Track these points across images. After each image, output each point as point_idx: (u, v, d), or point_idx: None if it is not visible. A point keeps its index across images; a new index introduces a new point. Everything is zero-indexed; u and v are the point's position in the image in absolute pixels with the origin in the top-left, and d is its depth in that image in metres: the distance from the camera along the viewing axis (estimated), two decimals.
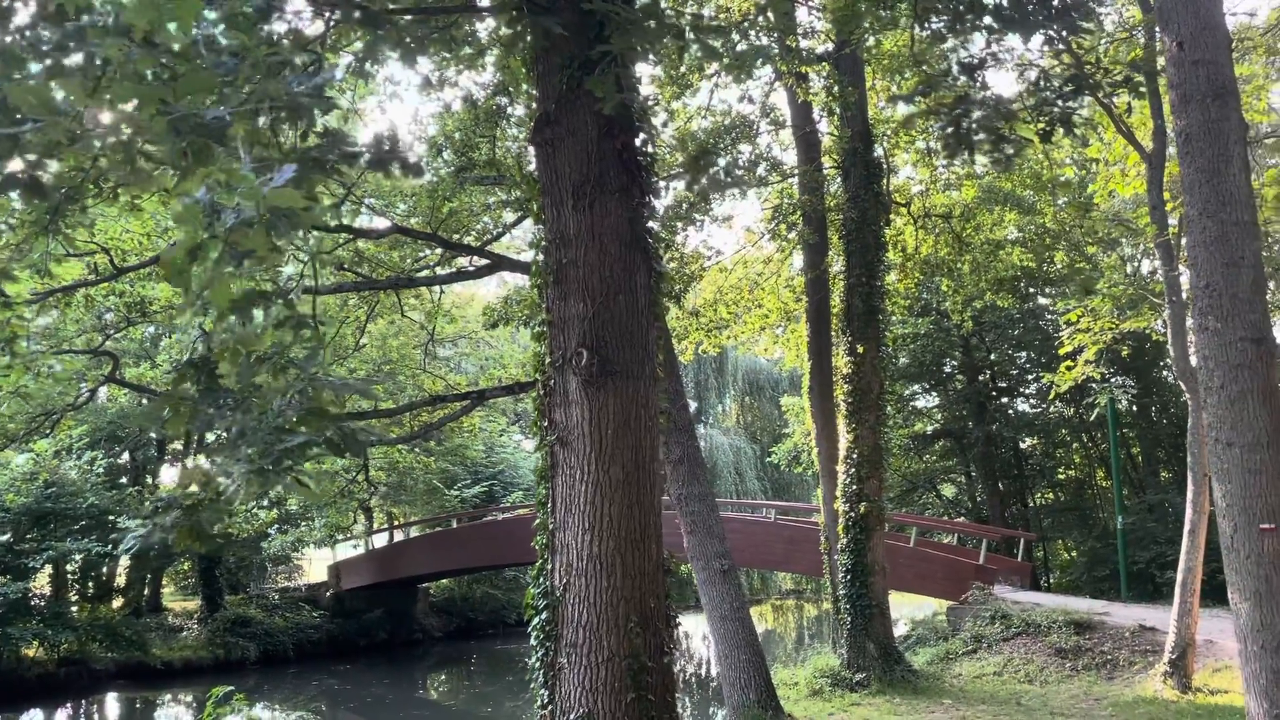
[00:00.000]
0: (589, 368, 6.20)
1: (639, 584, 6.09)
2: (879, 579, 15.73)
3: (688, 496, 13.22)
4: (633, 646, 5.97)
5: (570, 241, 6.47)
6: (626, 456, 6.20)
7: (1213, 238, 7.78)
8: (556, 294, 6.51)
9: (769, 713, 12.27)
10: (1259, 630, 7.34)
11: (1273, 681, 7.22)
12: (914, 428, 30.32)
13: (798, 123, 17.74)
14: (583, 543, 6.10)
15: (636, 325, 6.44)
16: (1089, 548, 24.82)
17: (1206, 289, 7.78)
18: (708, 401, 45.07)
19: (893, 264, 22.16)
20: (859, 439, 15.97)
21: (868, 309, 16.21)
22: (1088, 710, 12.66)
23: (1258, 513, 7.38)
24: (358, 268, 14.44)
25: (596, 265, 6.40)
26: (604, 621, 5.98)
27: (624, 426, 6.23)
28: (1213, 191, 7.83)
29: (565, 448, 6.29)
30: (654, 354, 6.56)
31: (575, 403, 6.28)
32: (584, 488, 6.16)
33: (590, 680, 5.94)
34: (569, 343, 6.36)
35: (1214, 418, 7.68)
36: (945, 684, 15.08)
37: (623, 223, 6.49)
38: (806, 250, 17.86)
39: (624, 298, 6.43)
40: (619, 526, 6.09)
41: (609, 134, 6.55)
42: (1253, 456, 7.44)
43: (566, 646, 6.05)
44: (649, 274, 6.64)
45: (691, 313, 18.57)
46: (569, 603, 6.09)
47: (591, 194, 6.47)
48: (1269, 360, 7.58)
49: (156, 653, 23.96)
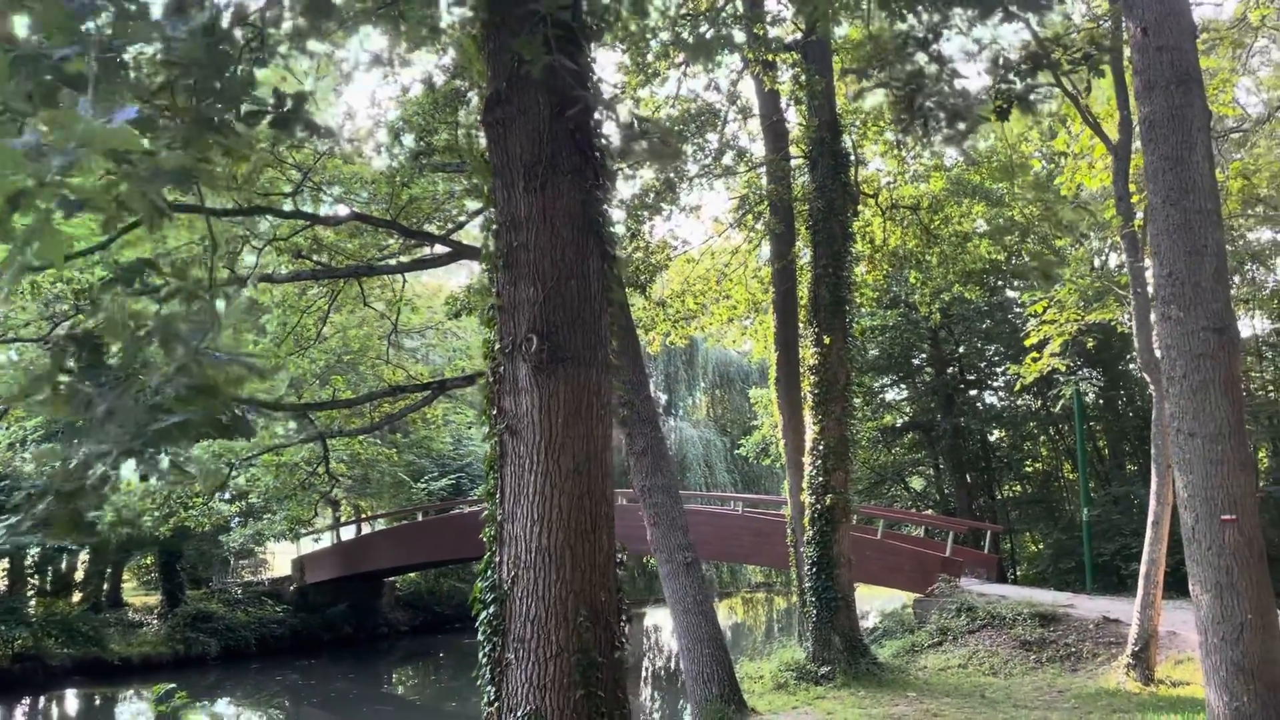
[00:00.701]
0: (539, 354, 6.00)
1: (590, 577, 5.91)
2: (845, 571, 15.65)
3: (651, 488, 13.07)
4: (582, 641, 5.78)
5: (521, 224, 6.27)
6: (577, 446, 6.02)
7: (1175, 225, 7.70)
8: (507, 278, 6.30)
9: (731, 707, 12.15)
10: (1219, 622, 7.27)
11: (1233, 674, 7.16)
12: (883, 420, 30.34)
13: (765, 112, 17.60)
14: (531, 534, 5.91)
15: (589, 311, 6.25)
16: (1055, 540, 24.93)
17: (1169, 278, 7.70)
18: (677, 394, 44.96)
19: (861, 256, 22.11)
20: (825, 430, 15.87)
21: (834, 300, 16.09)
22: (1051, 702, 12.63)
23: (1219, 503, 7.31)
24: (317, 256, 14.14)
25: (548, 249, 6.20)
26: (553, 616, 5.80)
27: (575, 415, 6.04)
28: (1176, 179, 7.75)
29: (514, 436, 6.09)
30: (607, 341, 6.37)
31: (525, 390, 6.08)
32: (533, 478, 5.96)
33: (538, 676, 5.76)
34: (519, 328, 6.16)
35: (1176, 408, 7.60)
36: (910, 676, 15.03)
37: (575, 205, 6.30)
38: (773, 241, 17.74)
39: (576, 283, 6.23)
40: (569, 518, 5.90)
41: (562, 114, 6.34)
42: (1214, 447, 7.36)
43: (514, 642, 5.86)
44: (603, 258, 6.45)
45: (658, 303, 18.38)
46: (517, 596, 5.90)
47: (543, 175, 6.26)
48: (1231, 350, 7.51)
49: (115, 648, 23.52)
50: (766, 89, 16.79)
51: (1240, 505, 7.29)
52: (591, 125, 6.49)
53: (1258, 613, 7.18)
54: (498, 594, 6.00)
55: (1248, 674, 7.11)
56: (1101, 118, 15.27)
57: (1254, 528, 7.31)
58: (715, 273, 20.15)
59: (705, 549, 25.99)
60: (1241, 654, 7.14)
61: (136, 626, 25.73)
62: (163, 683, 23.31)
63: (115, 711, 22.78)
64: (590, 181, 6.37)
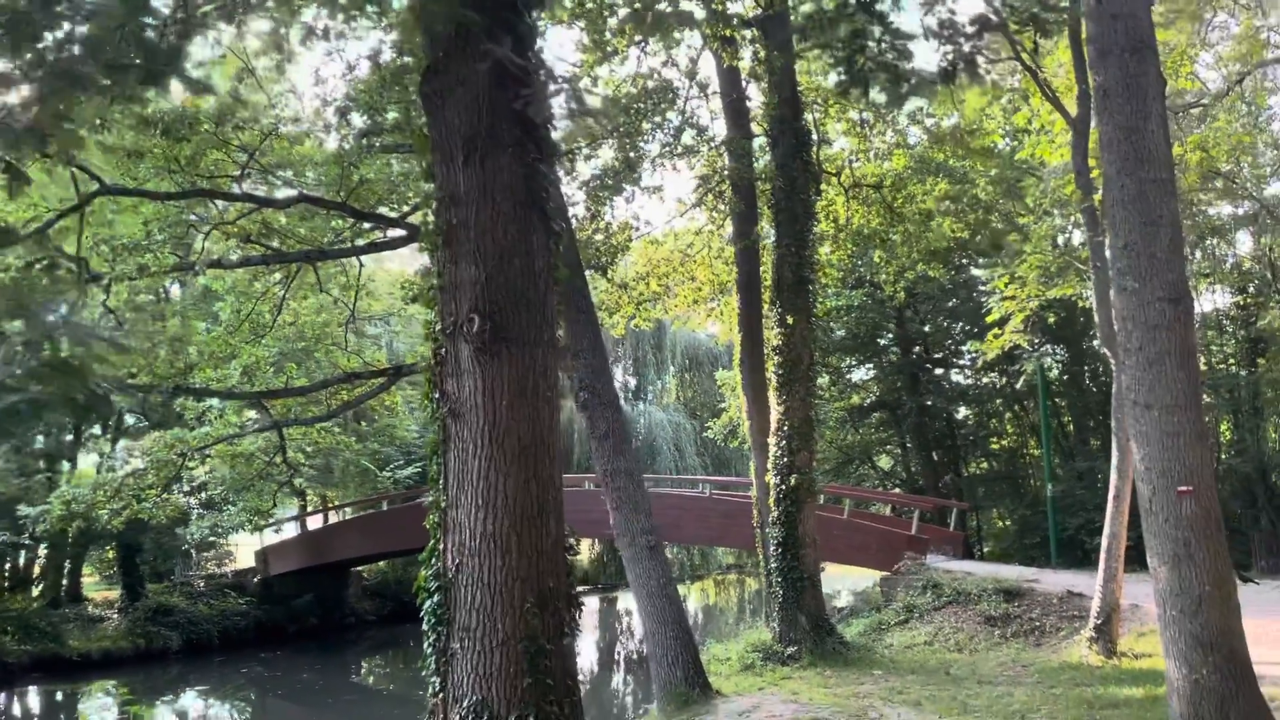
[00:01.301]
0: (481, 334, 5.81)
1: (536, 563, 5.75)
2: (810, 551, 15.59)
3: (614, 472, 12.89)
4: (529, 629, 5.62)
5: (461, 200, 6.07)
6: (523, 428, 5.84)
7: (1131, 196, 7.61)
8: (447, 256, 6.10)
9: (696, 690, 12.04)
10: (1177, 595, 7.23)
11: (1191, 646, 7.13)
12: (850, 400, 30.37)
13: (726, 90, 17.40)
14: (476, 520, 5.73)
15: (533, 289, 6.07)
16: (1019, 516, 25.09)
17: (1125, 249, 7.62)
18: (646, 378, 44.82)
19: (825, 235, 22.01)
20: (789, 411, 15.75)
21: (797, 279, 15.96)
22: (1014, 677, 12.63)
23: (1176, 475, 7.26)
24: (267, 240, 13.82)
25: (489, 226, 6.01)
26: (498, 603, 5.63)
27: (519, 397, 5.86)
28: (1131, 148, 7.65)
29: (458, 420, 5.91)
30: (553, 320, 6.19)
31: (468, 372, 5.90)
32: (477, 462, 5.78)
33: (484, 666, 5.59)
34: (460, 309, 5.97)
35: (1132, 379, 7.53)
36: (876, 655, 15.02)
37: (517, 179, 6.10)
38: (735, 221, 17.59)
39: (519, 260, 6.04)
40: (514, 502, 5.73)
41: (502, 85, 6.14)
42: (1170, 418, 7.30)
43: (459, 630, 5.69)
44: (547, 235, 6.26)
45: (620, 285, 18.17)
46: (462, 584, 5.73)
47: (483, 149, 6.06)
48: (1186, 321, 7.45)
49: (73, 644, 23.09)
50: (726, 65, 16.58)
51: (1197, 476, 7.24)
52: (534, 96, 6.28)
53: (1215, 584, 7.15)
54: (442, 582, 5.82)
55: (1206, 646, 7.08)
56: (1061, 92, 15.22)
57: (1211, 499, 7.26)
58: (678, 254, 19.95)
59: (674, 532, 25.94)
60: (1200, 626, 7.11)
61: (97, 621, 25.29)
62: (123, 678, 23.09)
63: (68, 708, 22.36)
64: (532, 155, 6.18)
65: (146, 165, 11.07)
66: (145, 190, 11.22)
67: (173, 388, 12.72)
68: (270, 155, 13.11)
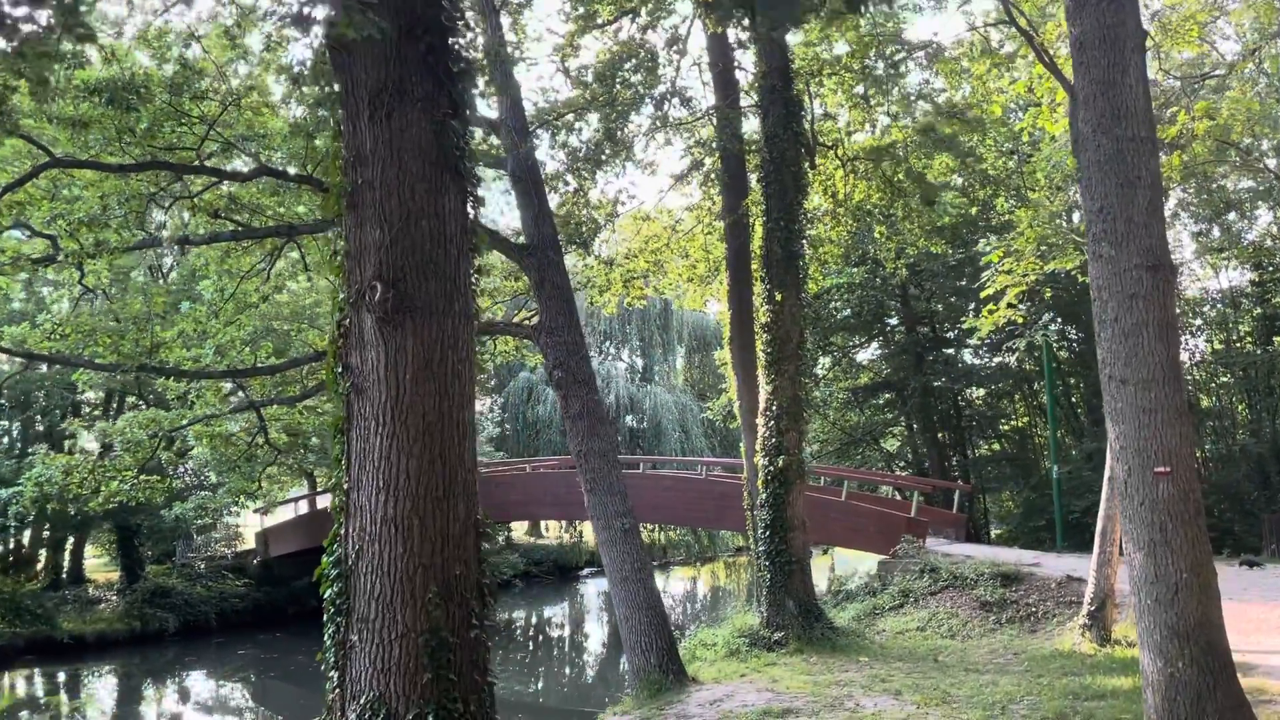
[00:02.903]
0: (383, 303, 5.40)
1: (441, 549, 5.34)
2: (799, 534, 15.13)
3: (587, 453, 12.50)
4: (432, 620, 5.22)
5: (367, 159, 5.64)
6: (428, 404, 5.43)
7: (1107, 155, 7.10)
8: (353, 220, 5.69)
9: (670, 677, 11.66)
10: (1153, 582, 6.76)
11: (1167, 637, 6.66)
12: (857, 380, 29.82)
13: (714, 59, 16.88)
14: (377, 504, 5.34)
15: (444, 255, 5.64)
16: (1025, 498, 24.52)
17: (1100, 212, 7.12)
18: (653, 358, 44.35)
19: (824, 210, 21.47)
20: (778, 390, 15.28)
21: (787, 254, 15.46)
22: (1003, 666, 12.18)
23: (1152, 455, 6.78)
24: (237, 215, 13.43)
25: (395, 186, 5.58)
26: (398, 593, 5.24)
27: (425, 370, 5.45)
28: (1108, 104, 7.14)
29: (360, 396, 5.51)
30: (467, 288, 5.76)
31: (371, 344, 5.49)
32: (378, 440, 5.38)
33: (382, 659, 5.20)
34: (365, 276, 5.55)
35: (1107, 353, 7.05)
36: (866, 641, 14.58)
37: (427, 136, 5.66)
38: (725, 194, 17.08)
39: (428, 223, 5.62)
40: (417, 484, 5.32)
41: (412, 34, 5.69)
42: (1147, 394, 6.81)
43: (358, 621, 5.31)
44: (463, 197, 5.82)
45: (606, 262, 17.70)
46: (361, 572, 5.34)
47: (390, 103, 5.63)
48: (1165, 289, 6.94)
49: (67, 626, 22.93)
50: (713, 32, 16.03)
51: (1175, 456, 6.75)
52: (448, 47, 5.84)
53: (1193, 571, 6.66)
54: (342, 569, 5.44)
55: (1183, 637, 6.61)
56: (1062, 61, 14.60)
57: (1189, 480, 6.77)
58: (667, 230, 19.46)
59: (670, 515, 25.59)
60: (1176, 616, 6.63)
61: (95, 603, 25.18)
62: (118, 660, 22.95)
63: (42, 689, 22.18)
64: (444, 110, 5.73)
65: (95, 135, 10.66)
66: (97, 162, 10.83)
67: (137, 366, 12.37)
68: (236, 127, 12.68)
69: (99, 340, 12.86)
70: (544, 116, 14.38)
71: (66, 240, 12.39)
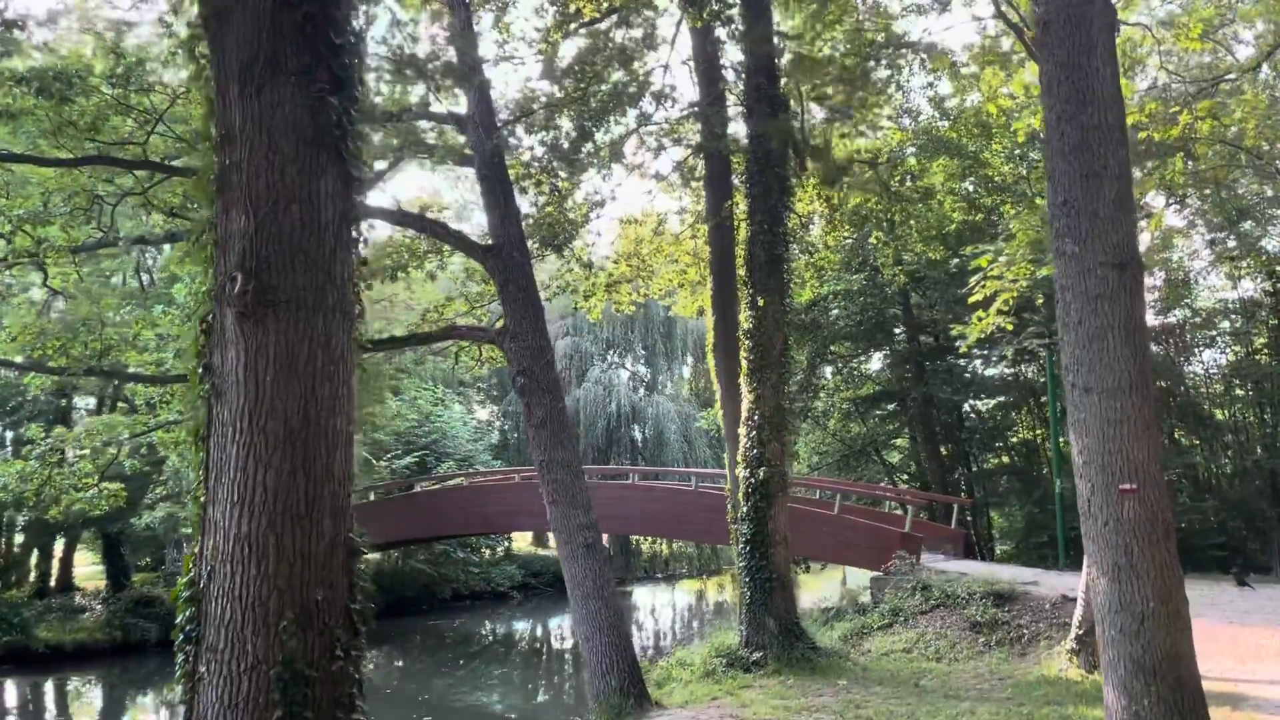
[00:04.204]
0: (242, 296, 4.87)
1: (301, 571, 4.79)
2: (780, 550, 14.50)
3: (550, 463, 11.96)
4: (286, 651, 4.67)
5: (235, 138, 5.12)
6: (291, 408, 4.89)
7: (1071, 145, 6.50)
8: (221, 205, 5.17)
9: (630, 700, 11.07)
10: (1117, 611, 6.13)
11: (1132, 672, 6.03)
12: (858, 391, 29.11)
13: (698, 54, 16.35)
14: (230, 519, 4.80)
15: (317, 244, 5.11)
16: (1027, 513, 23.77)
17: (1064, 206, 6.51)
18: (657, 367, 43.75)
19: (818, 215, 20.90)
20: (760, 399, 14.68)
21: (770, 258, 14.87)
22: (985, 692, 11.52)
23: (1117, 470, 6.16)
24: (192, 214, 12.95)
25: (263, 168, 5.06)
26: (249, 619, 4.69)
27: (289, 371, 4.91)
28: (1073, 89, 6.54)
29: (220, 400, 4.98)
30: (344, 281, 5.22)
31: (231, 342, 4.96)
32: (234, 449, 4.85)
33: (230, 694, 4.65)
34: (229, 266, 5.03)
35: (1070, 359, 6.44)
36: (848, 662, 13.93)
37: (301, 114, 5.14)
38: (709, 195, 16.52)
39: (300, 208, 5.09)
40: (274, 498, 4.78)
41: (288, 3, 5.18)
42: (1113, 404, 6.20)
43: (207, 651, 4.77)
44: (343, 181, 5.29)
45: (584, 265, 17.16)
46: (213, 596, 4.80)
47: (261, 77, 5.11)
48: (1133, 289, 6.32)
49: (44, 635, 22.50)
50: (696, 25, 15.49)
51: (1143, 473, 6.13)
52: (329, 17, 5.32)
53: (1161, 600, 6.03)
54: (193, 592, 4.89)
55: (1149, 672, 5.97)
56: None
57: (1159, 500, 6.14)
58: (653, 235, 18.92)
59: (661, 526, 24.95)
60: (1142, 649, 6.00)
61: (79, 611, 24.79)
62: (96, 671, 22.52)
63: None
64: (321, 85, 5.20)
65: (30, 128, 10.24)
66: (31, 156, 10.41)
67: (84, 370, 11.94)
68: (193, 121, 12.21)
69: (47, 344, 12.43)
70: (515, 113, 13.86)
71: (18, 239, 11.98)
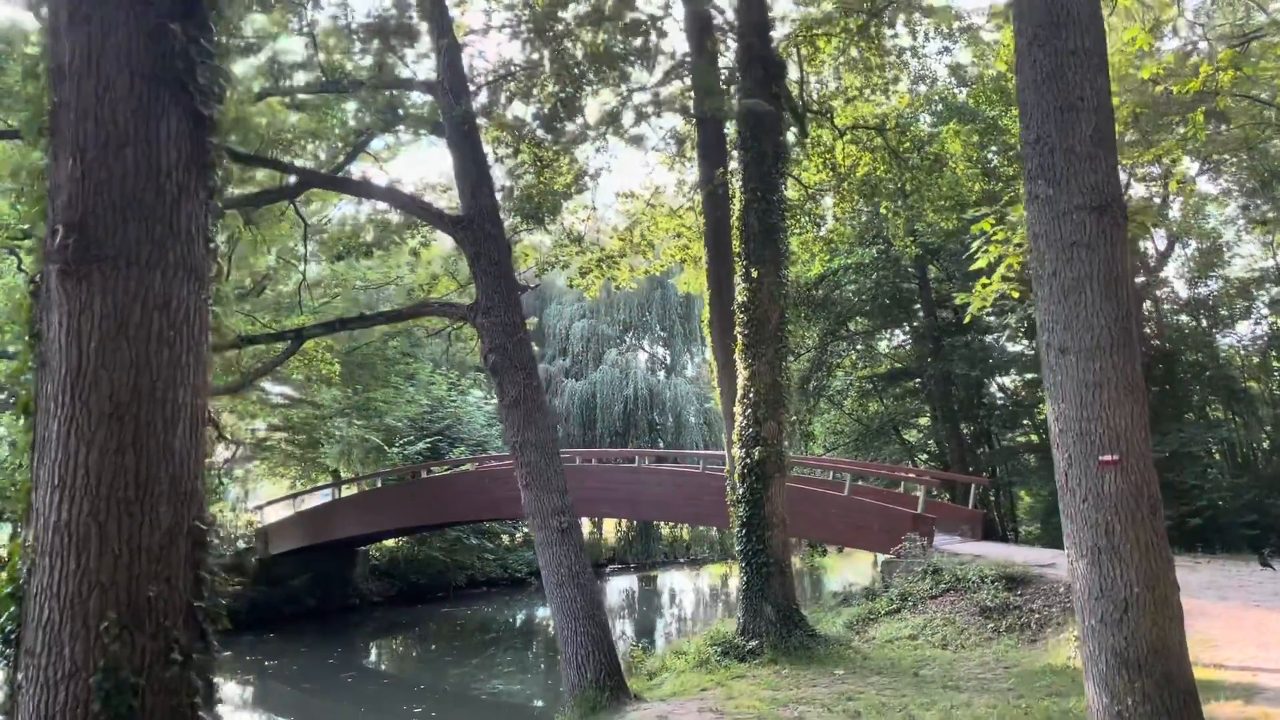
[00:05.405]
0: (63, 250, 4.27)
1: (130, 564, 4.20)
2: (778, 533, 13.82)
3: (523, 444, 11.36)
4: (109, 656, 4.08)
5: (65, 73, 4.51)
6: (119, 379, 4.28)
7: (1045, 74, 5.74)
8: (51, 150, 4.56)
9: (607, 693, 10.45)
10: (1098, 598, 5.40)
11: (1114, 667, 5.30)
12: (877, 369, 28.28)
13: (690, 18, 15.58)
14: (50, 505, 4.21)
15: (154, 192, 4.49)
16: (1048, 492, 22.83)
17: (1036, 143, 5.76)
18: (676, 349, 43.02)
19: (825, 185, 20.11)
20: (756, 376, 13.99)
21: (764, 228, 14.15)
22: (987, 682, 10.79)
23: (1096, 439, 5.41)
24: None
25: (92, 106, 4.44)
26: (67, 620, 4.11)
27: (117, 336, 4.31)
28: (1045, 11, 5.77)
29: (44, 370, 4.38)
30: (190, 235, 4.60)
31: (56, 304, 4.36)
32: (56, 425, 4.26)
33: (47, 705, 4.08)
34: (55, 219, 4.43)
35: (1045, 315, 5.70)
36: (849, 650, 13.23)
37: (137, 44, 4.52)
38: (702, 163, 15.79)
39: (134, 151, 4.47)
40: (98, 480, 4.19)
41: None
42: (1091, 365, 5.45)
43: (25, 655, 4.19)
44: (189, 120, 4.66)
45: (573, 239, 16.49)
46: (32, 593, 4.22)
47: (90, 3, 4.49)
48: (1114, 235, 5.56)
49: None
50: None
51: (1125, 442, 5.38)
52: None
53: (1147, 585, 5.29)
54: (14, 589, 4.31)
55: (1133, 667, 5.24)
56: None
57: (1144, 472, 5.40)
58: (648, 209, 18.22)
59: (670, 510, 24.29)
60: (1125, 640, 5.27)
61: None
62: None
63: None
64: (163, 11, 4.57)
65: None
66: None
67: None
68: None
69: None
70: (489, 77, 13.22)
71: None
